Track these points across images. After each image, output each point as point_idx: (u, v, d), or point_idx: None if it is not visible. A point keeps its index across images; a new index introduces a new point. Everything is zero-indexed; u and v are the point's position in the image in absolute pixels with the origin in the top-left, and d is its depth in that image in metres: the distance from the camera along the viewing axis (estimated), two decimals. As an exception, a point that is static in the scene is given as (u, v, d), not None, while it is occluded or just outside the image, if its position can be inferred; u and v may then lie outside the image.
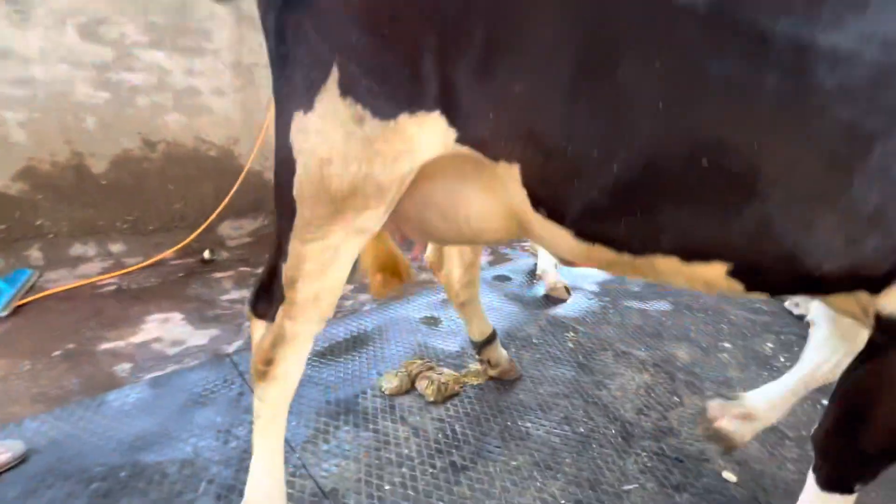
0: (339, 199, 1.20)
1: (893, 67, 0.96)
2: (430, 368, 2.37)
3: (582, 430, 2.15)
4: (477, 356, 2.46)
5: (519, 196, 1.21)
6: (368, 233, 1.27)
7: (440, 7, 1.08)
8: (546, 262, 3.65)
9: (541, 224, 1.23)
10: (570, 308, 3.33)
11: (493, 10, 1.07)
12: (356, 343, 2.70)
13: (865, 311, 1.19)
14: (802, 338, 3.20)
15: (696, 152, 1.03)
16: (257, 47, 4.06)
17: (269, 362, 1.41)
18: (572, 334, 2.95)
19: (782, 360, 2.92)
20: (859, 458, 1.29)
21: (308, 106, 1.17)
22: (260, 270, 1.66)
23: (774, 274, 1.11)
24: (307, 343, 1.41)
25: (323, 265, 1.28)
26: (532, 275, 3.85)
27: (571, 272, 4.05)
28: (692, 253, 1.13)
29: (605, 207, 1.12)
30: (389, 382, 2.30)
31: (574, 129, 1.08)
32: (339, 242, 1.26)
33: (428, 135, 1.16)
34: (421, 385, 2.28)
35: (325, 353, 2.58)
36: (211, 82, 3.87)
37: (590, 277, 3.98)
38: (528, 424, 2.16)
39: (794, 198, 1.03)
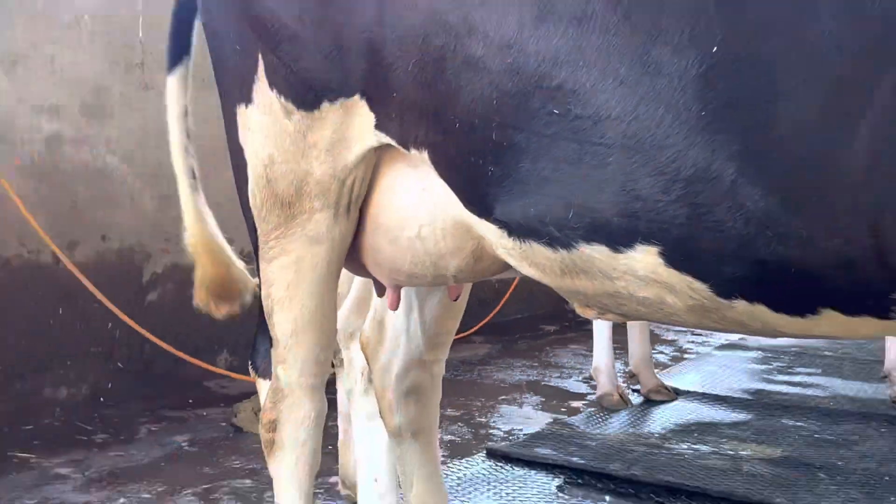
0: (287, 204, 1.17)
1: None
2: None
3: None
4: None
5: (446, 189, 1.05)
6: (323, 244, 1.18)
7: None
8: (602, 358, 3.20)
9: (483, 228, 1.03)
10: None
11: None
12: None
13: None
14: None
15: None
16: None
17: (273, 425, 1.25)
18: None
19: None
20: None
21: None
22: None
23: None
24: (307, 399, 1.24)
25: (289, 287, 1.20)
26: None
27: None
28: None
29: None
30: None
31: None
32: (300, 254, 1.19)
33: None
34: None
35: None
36: None
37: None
38: None
39: None
